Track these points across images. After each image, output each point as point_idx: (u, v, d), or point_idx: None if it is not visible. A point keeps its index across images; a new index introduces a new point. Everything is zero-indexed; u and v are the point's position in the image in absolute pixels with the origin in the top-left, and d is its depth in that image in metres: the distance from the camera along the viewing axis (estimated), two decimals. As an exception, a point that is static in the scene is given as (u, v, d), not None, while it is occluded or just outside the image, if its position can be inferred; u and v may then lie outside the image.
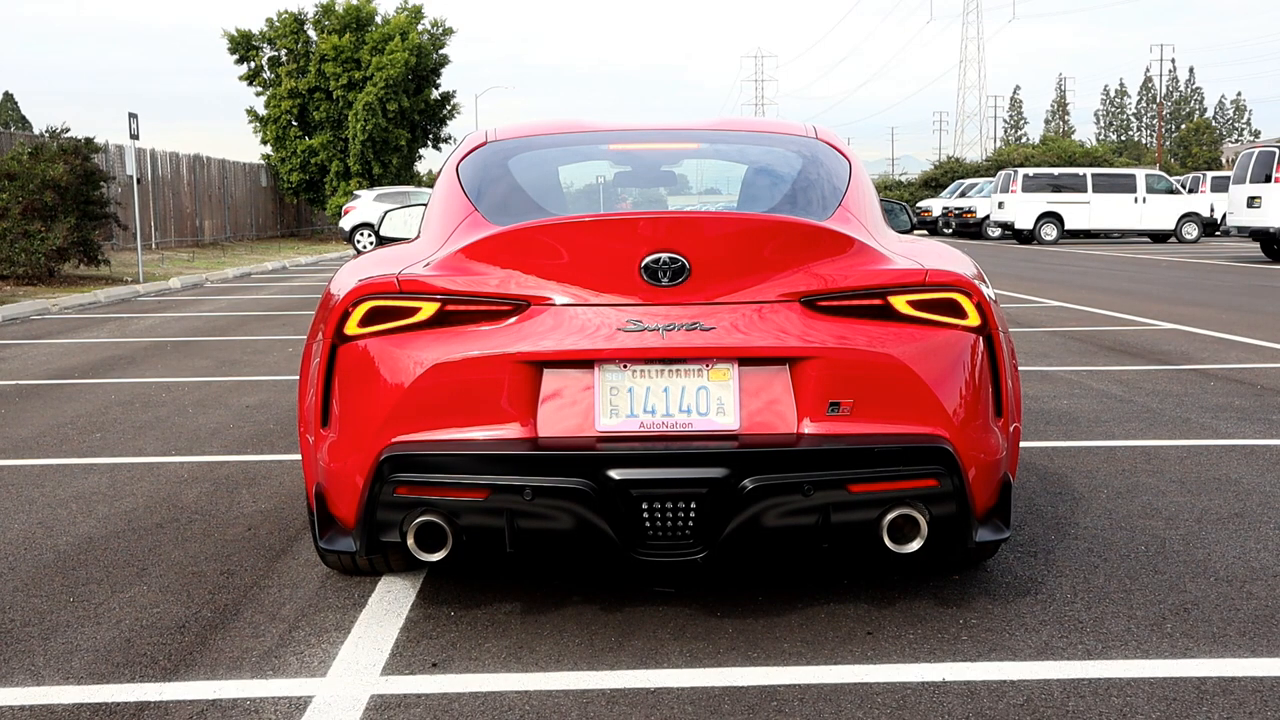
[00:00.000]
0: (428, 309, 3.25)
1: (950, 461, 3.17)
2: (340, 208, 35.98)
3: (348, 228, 32.37)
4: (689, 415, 3.24)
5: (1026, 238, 33.59)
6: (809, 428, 3.24)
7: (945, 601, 3.70)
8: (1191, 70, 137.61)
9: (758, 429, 3.24)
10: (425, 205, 4.23)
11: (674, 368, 3.25)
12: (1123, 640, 3.39)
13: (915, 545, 3.21)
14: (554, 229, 3.32)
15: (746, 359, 3.24)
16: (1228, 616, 3.57)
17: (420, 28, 41.97)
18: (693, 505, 3.10)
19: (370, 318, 3.29)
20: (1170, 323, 11.81)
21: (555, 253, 3.26)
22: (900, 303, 3.29)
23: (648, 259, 3.20)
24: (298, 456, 5.80)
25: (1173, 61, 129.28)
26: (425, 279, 3.30)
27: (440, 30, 42.64)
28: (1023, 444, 5.80)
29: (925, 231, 43.33)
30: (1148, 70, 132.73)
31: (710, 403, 3.25)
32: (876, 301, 3.28)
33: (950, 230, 40.19)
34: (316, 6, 41.80)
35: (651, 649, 3.35)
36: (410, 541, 3.19)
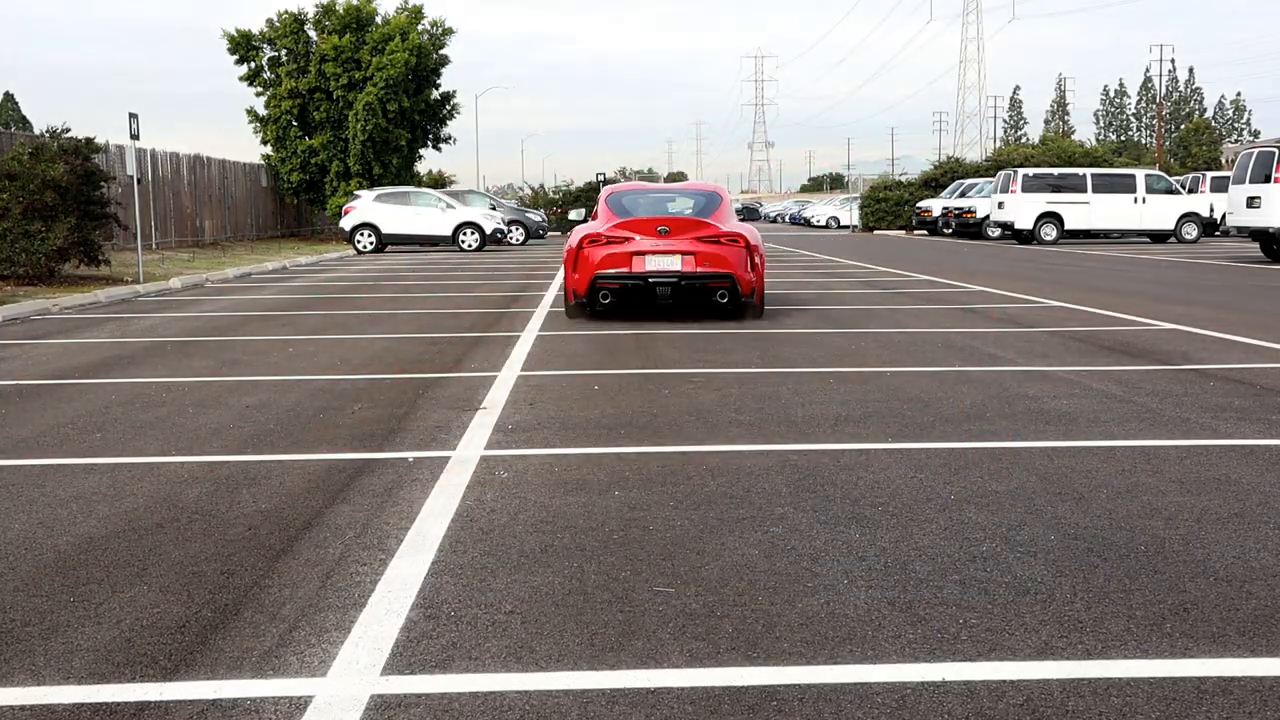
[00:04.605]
0: (604, 239, 12.36)
1: (733, 280, 12.15)
2: (340, 208, 35.97)
3: (348, 228, 32.33)
4: (669, 268, 12.16)
5: (1026, 238, 33.59)
6: (697, 271, 12.16)
7: (945, 601, 3.71)
8: (1191, 70, 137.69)
9: (686, 271, 12.16)
10: (588, 206, 12.41)
11: (664, 255, 12.15)
12: (1123, 640, 3.40)
13: (725, 302, 12.34)
14: (634, 221, 12.47)
15: (684, 254, 12.14)
16: (1228, 616, 3.57)
17: (420, 28, 41.94)
18: (669, 288, 12.14)
19: (586, 243, 12.41)
20: (1170, 323, 11.82)
21: (634, 227, 12.36)
22: (724, 239, 12.28)
23: (659, 228, 12.30)
24: (298, 456, 5.89)
25: (1173, 61, 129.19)
26: (603, 232, 12.40)
27: (440, 30, 42.62)
28: (1023, 444, 5.96)
29: (925, 231, 43.40)
30: (1148, 70, 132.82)
31: (673, 265, 12.16)
32: (720, 238, 12.28)
33: (950, 230, 40.18)
34: (316, 6, 41.79)
35: (651, 649, 3.35)
36: (601, 299, 12.41)
